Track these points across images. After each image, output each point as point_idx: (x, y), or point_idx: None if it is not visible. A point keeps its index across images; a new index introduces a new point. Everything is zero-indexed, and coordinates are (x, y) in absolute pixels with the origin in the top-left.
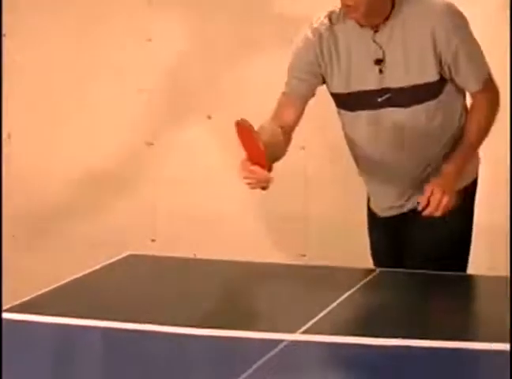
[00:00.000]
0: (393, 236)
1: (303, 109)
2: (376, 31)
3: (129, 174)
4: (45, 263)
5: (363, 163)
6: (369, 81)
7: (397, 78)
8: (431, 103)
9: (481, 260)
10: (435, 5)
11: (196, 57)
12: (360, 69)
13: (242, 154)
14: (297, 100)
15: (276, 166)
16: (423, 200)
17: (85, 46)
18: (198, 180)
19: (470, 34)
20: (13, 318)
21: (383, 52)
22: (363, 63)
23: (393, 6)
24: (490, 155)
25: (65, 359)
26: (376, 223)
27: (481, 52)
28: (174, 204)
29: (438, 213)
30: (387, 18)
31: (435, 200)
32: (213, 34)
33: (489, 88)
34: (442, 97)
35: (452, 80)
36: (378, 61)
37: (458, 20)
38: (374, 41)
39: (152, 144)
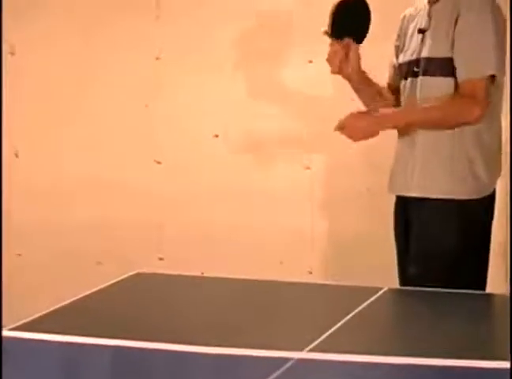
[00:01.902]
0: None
1: None
2: (434, 3)
3: (136, 191)
4: (51, 281)
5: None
6: (412, 51)
7: (428, 48)
8: (445, 80)
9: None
10: None
11: (204, 74)
12: (410, 40)
13: (249, 173)
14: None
15: (283, 185)
16: (341, 121)
17: (93, 64)
18: (205, 198)
19: (489, 27)
20: (21, 337)
21: (429, 23)
22: (414, 34)
23: None
24: None
25: (73, 378)
26: (395, 206)
27: (491, 52)
28: (181, 223)
29: (350, 138)
30: None
31: (351, 125)
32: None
33: (476, 90)
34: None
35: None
36: (421, 31)
37: (485, 10)
38: (428, 13)
39: (160, 162)
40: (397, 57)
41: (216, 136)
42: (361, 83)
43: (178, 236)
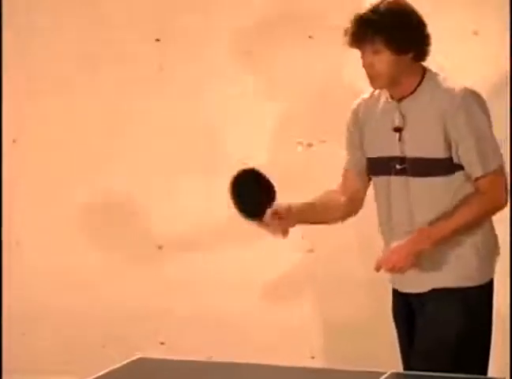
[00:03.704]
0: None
1: (367, 180)
2: (401, 101)
3: (138, 275)
4: (54, 364)
5: (382, 227)
6: (389, 148)
7: (413, 148)
8: (441, 179)
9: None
10: (456, 87)
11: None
12: (383, 136)
13: (252, 258)
14: (356, 174)
15: (287, 268)
16: (379, 260)
17: (97, 145)
18: (209, 282)
19: (482, 121)
20: None
21: (404, 121)
22: (386, 130)
23: (420, 82)
24: None
25: None
26: (394, 296)
27: (493, 144)
28: (183, 307)
29: (392, 271)
30: (413, 92)
31: (390, 262)
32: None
33: (494, 183)
34: (454, 178)
35: (459, 161)
36: (398, 129)
37: (472, 105)
38: (399, 110)
39: (161, 247)
40: (358, 146)
41: (219, 218)
42: (306, 217)
43: (181, 320)
